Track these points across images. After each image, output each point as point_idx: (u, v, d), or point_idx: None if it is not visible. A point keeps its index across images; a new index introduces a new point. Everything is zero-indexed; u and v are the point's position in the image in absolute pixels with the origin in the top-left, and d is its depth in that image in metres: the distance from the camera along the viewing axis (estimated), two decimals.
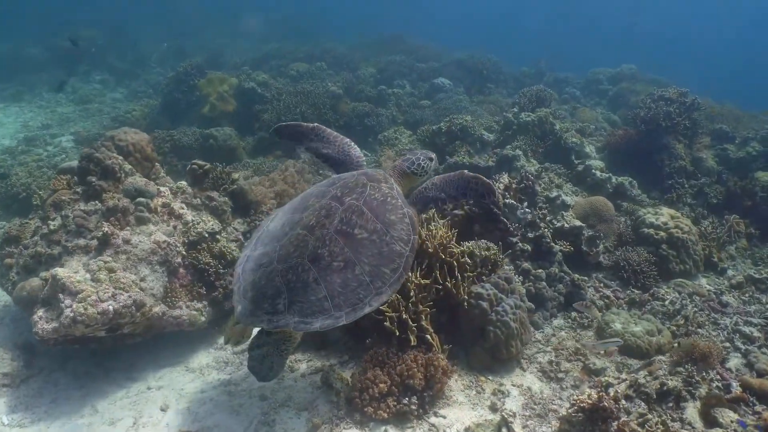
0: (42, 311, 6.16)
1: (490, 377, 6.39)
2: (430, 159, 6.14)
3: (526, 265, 7.94)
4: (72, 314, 5.90)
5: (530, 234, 8.23)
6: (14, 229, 7.70)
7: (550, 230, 8.47)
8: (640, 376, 6.28)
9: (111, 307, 6.10)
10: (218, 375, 6.70)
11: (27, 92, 22.36)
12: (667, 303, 8.17)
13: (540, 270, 7.96)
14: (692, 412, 5.77)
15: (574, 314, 7.83)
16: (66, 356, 6.85)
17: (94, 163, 7.56)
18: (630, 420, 5.22)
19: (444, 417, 5.66)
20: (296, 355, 6.80)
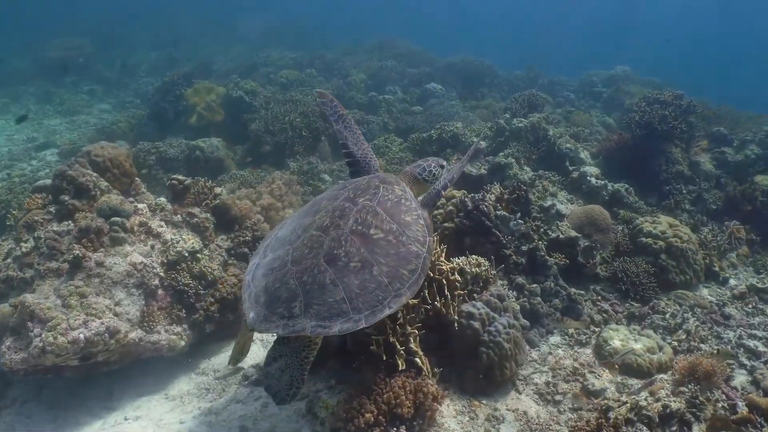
0: (10, 341, 5.87)
1: (484, 401, 6.07)
2: (441, 166, 6.11)
3: (520, 279, 7.64)
4: (41, 344, 5.61)
5: (524, 247, 7.93)
6: None
7: (545, 242, 8.17)
8: (642, 398, 5.96)
9: (82, 335, 5.81)
10: (198, 403, 6.38)
11: (13, 104, 22.09)
12: (667, 316, 7.88)
13: (535, 285, 7.66)
14: None
15: (571, 330, 7.53)
16: (41, 385, 6.54)
17: (67, 181, 7.26)
18: None
19: None
20: None
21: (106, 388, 6.62)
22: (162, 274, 7.04)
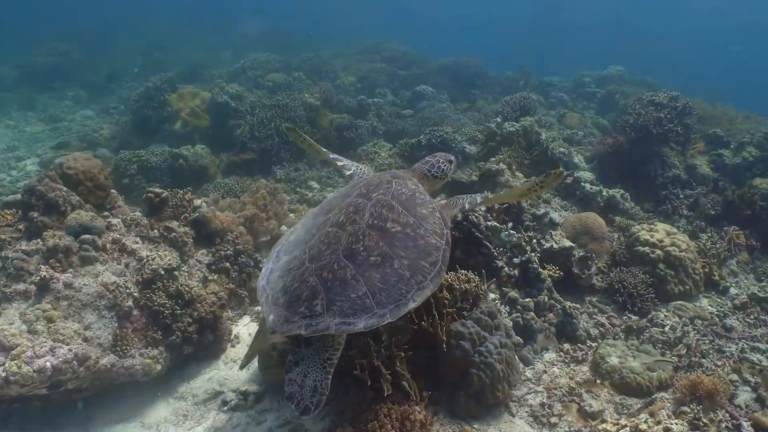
0: None
1: (476, 426, 5.75)
2: (450, 162, 6.03)
3: (513, 293, 7.31)
4: (4, 374, 5.25)
5: (516, 259, 7.61)
6: None
7: (538, 254, 7.84)
8: (641, 420, 5.64)
9: (49, 363, 5.45)
10: (175, 431, 6.03)
11: None
12: (667, 330, 7.56)
13: (528, 299, 7.32)
14: None
15: (566, 346, 7.21)
16: (11, 412, 6.15)
17: (36, 196, 6.89)
18: None
19: None
20: (264, 403, 6.18)
21: (85, 416, 6.24)
22: (136, 294, 6.67)
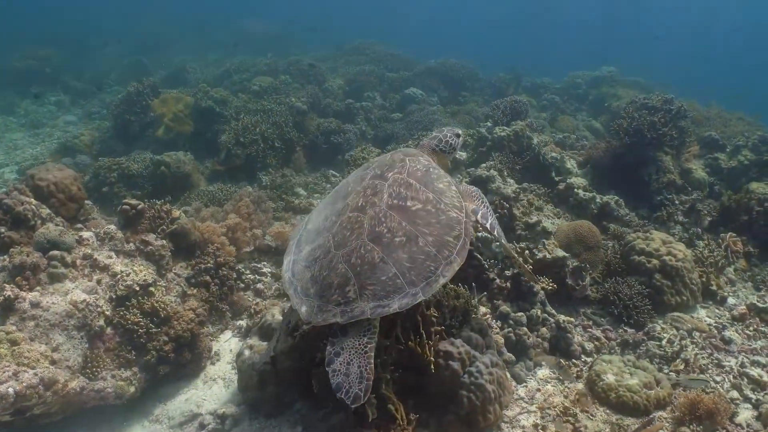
0: None
1: None
2: (457, 135, 5.93)
3: (505, 307, 7.01)
4: None
5: (507, 272, 7.31)
6: None
7: (530, 266, 7.53)
8: None
9: (11, 389, 5.11)
10: None
11: None
12: (664, 343, 7.29)
13: (520, 313, 7.02)
14: None
15: (561, 364, 6.91)
16: None
17: (3, 210, 6.57)
18: None
19: None
20: (242, 427, 5.84)
21: None
22: (109, 312, 6.34)
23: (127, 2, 48.86)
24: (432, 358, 5.40)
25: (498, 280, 7.29)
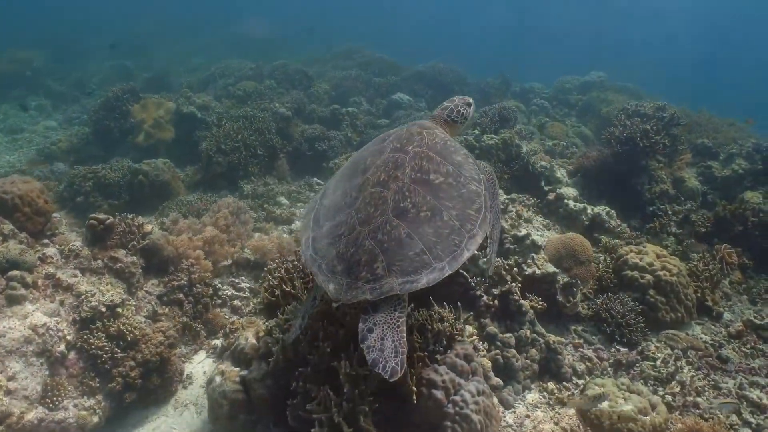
0: None
1: None
2: (468, 104, 5.76)
3: (492, 328, 6.65)
4: None
5: (495, 290, 6.96)
6: None
7: (519, 284, 7.16)
8: None
9: None
10: None
11: None
12: (658, 363, 6.97)
13: (508, 334, 6.67)
14: None
15: (551, 386, 6.57)
16: None
17: None
18: None
19: None
20: None
21: None
22: (70, 337, 5.97)
23: (114, 5, 48.42)
24: (414, 388, 5.06)
25: (485, 297, 6.94)
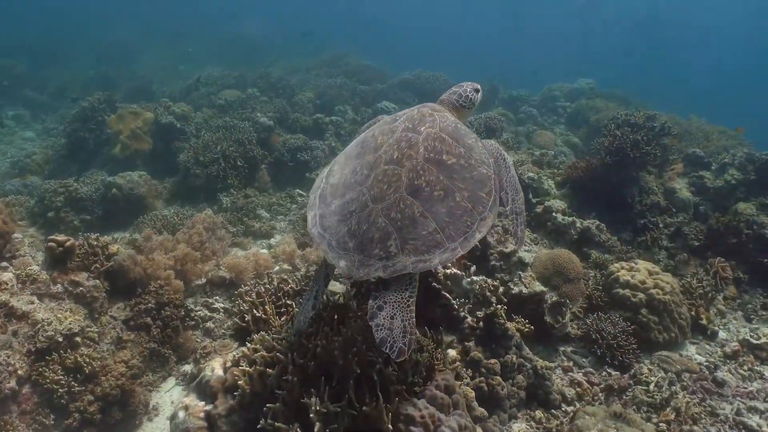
0: None
1: None
2: (477, 90, 5.62)
3: (477, 353, 6.26)
4: None
5: (479, 312, 6.57)
6: None
7: (504, 307, 6.77)
8: None
9: None
10: None
11: None
12: (652, 388, 6.60)
13: (493, 360, 6.28)
14: None
15: (539, 415, 6.20)
16: None
17: None
18: None
19: None
20: None
21: None
22: (23, 371, 5.55)
23: (97, 12, 47.97)
24: (390, 426, 4.67)
25: (470, 319, 6.56)
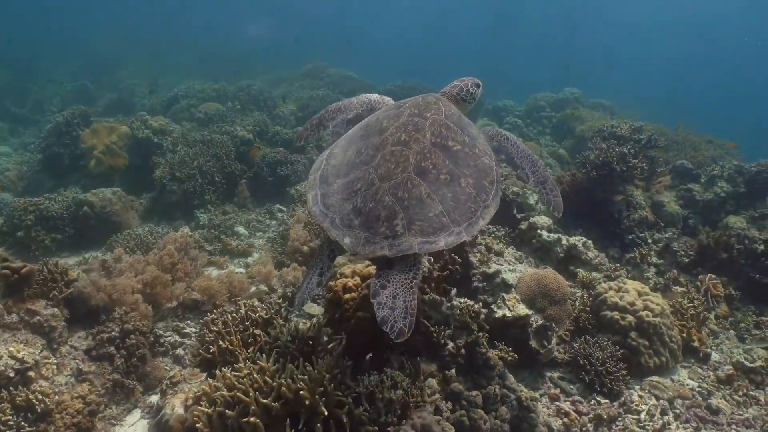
0: None
1: None
2: (478, 85, 5.68)
3: (457, 386, 5.90)
4: None
5: (460, 341, 6.22)
6: None
7: (486, 335, 6.41)
8: None
9: None
10: None
11: None
12: (643, 417, 6.29)
13: (475, 392, 5.91)
14: None
15: None
16: None
17: None
18: None
19: None
20: None
21: None
22: None
23: (78, 24, 47.57)
24: None
25: (450, 345, 6.21)
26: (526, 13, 75.89)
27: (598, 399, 6.70)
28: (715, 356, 7.83)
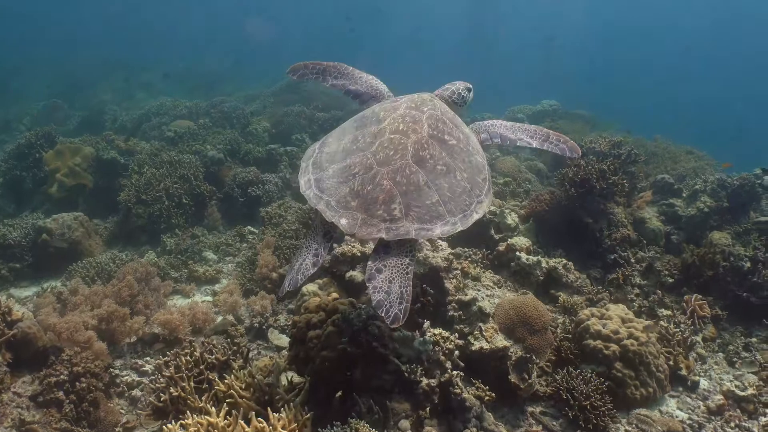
0: None
1: None
2: (469, 89, 5.74)
3: (430, 430, 5.48)
4: None
5: (433, 381, 5.80)
6: None
7: (459, 374, 5.98)
8: None
9: None
10: None
11: None
12: None
13: None
14: None
15: None
16: None
17: None
18: None
19: None
20: None
21: None
22: None
23: (51, 41, 46.90)
24: None
25: (424, 383, 5.79)
26: (503, 25, 76.11)
27: None
28: (704, 383, 7.44)
